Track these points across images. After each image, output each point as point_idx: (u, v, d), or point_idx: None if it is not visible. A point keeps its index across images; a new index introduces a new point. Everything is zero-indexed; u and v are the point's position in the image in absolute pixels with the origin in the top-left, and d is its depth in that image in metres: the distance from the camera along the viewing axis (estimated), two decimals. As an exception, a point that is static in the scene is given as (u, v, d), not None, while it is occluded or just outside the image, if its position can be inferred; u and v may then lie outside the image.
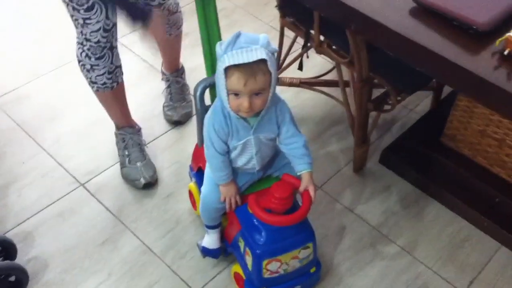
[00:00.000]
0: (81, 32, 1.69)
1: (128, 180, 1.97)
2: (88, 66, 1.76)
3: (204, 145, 1.48)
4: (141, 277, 1.73)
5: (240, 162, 1.49)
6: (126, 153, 1.97)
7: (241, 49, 1.28)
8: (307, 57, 2.04)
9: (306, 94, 2.27)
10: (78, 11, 1.63)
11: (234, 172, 1.52)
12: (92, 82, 1.82)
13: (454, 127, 1.95)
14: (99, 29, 1.67)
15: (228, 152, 1.47)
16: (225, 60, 1.29)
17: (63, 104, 2.24)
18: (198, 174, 1.70)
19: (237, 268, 1.64)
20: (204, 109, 1.57)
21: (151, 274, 1.74)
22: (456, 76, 1.46)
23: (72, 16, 1.67)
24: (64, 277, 1.72)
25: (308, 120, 2.22)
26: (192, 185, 1.80)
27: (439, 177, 1.97)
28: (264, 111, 1.38)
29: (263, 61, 1.29)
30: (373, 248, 1.82)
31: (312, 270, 1.61)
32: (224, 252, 1.69)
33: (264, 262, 1.48)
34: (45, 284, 1.70)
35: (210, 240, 1.66)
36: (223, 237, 1.67)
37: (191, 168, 1.81)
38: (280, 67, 2.13)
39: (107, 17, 1.67)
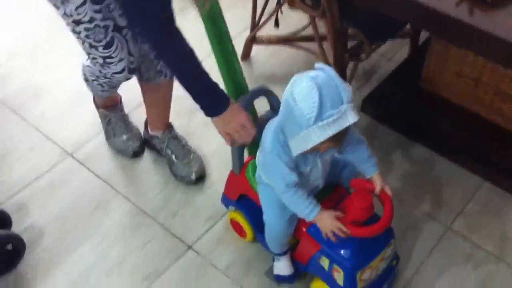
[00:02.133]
0: (100, 71, 1.55)
1: (117, 150, 1.97)
2: (99, 91, 1.72)
3: (278, 190, 1.37)
4: (134, 237, 1.77)
5: (308, 184, 1.42)
6: (111, 128, 1.96)
7: (332, 118, 1.16)
8: (281, 13, 2.06)
9: (285, 51, 2.29)
10: (96, 48, 1.46)
11: None
12: (97, 96, 1.84)
13: (431, 71, 1.98)
14: (123, 69, 1.51)
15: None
16: (315, 134, 1.18)
17: (44, 80, 2.25)
18: (241, 202, 1.65)
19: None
20: None
21: (144, 234, 1.78)
22: (424, 17, 1.51)
23: (89, 54, 1.51)
24: (59, 243, 1.76)
25: (289, 77, 2.23)
26: (234, 213, 1.71)
27: (420, 121, 2.01)
28: None
29: None
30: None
31: (394, 263, 1.58)
32: (298, 274, 1.62)
33: (358, 274, 1.44)
34: (42, 251, 1.74)
35: (283, 266, 1.59)
36: (292, 259, 1.60)
37: (226, 198, 1.72)
38: (256, 25, 2.15)
39: (129, 53, 1.50)
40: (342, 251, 1.43)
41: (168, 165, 1.92)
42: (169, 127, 1.92)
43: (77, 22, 1.41)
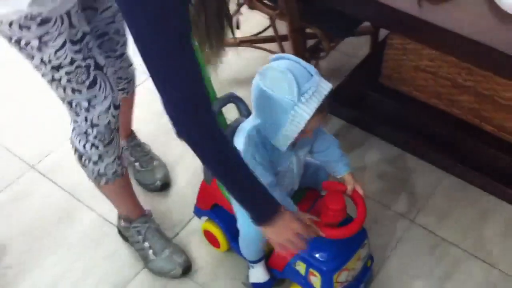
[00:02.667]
0: (85, 118, 1.40)
1: (162, 273, 1.69)
2: (96, 157, 1.47)
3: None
4: (100, 247, 1.76)
5: (283, 186, 1.41)
6: (147, 245, 1.69)
7: (311, 90, 1.20)
8: (241, 14, 2.07)
9: (248, 53, 2.29)
10: (80, 91, 1.34)
11: None
12: (99, 175, 1.52)
13: (389, 66, 2.00)
14: (109, 107, 1.41)
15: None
16: (305, 110, 1.20)
17: (2, 93, 2.22)
18: (214, 211, 1.63)
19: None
20: None
21: (110, 244, 1.77)
22: (382, 14, 1.53)
23: (70, 103, 1.37)
24: (24, 258, 1.74)
25: (252, 79, 2.24)
26: (207, 224, 1.68)
27: (381, 116, 2.03)
28: None
29: None
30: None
31: (368, 264, 1.58)
32: (274, 279, 1.60)
33: (335, 277, 1.43)
34: (7, 267, 1.72)
35: (258, 273, 1.58)
36: (268, 267, 1.59)
37: (199, 209, 1.70)
38: (216, 29, 2.15)
39: (112, 89, 1.39)
40: (317, 255, 1.42)
41: (132, 172, 1.90)
42: (131, 135, 1.91)
43: (57, 68, 1.29)
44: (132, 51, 1.48)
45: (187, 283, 1.68)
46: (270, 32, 2.16)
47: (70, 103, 1.37)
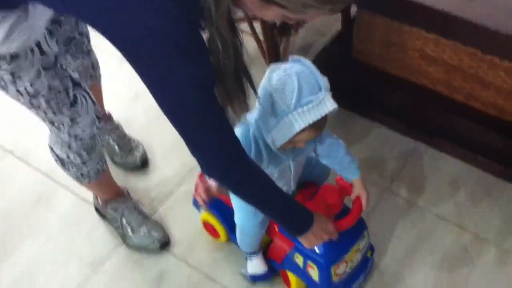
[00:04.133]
0: (69, 133, 1.38)
1: (141, 248, 1.72)
2: (79, 163, 1.48)
3: None
4: (79, 226, 1.78)
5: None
6: (125, 222, 1.71)
7: (311, 104, 1.16)
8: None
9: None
10: (62, 112, 1.32)
11: None
12: (82, 177, 1.54)
13: (360, 42, 2.03)
14: (93, 120, 1.39)
15: None
16: (296, 121, 1.16)
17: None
18: (212, 204, 1.57)
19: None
20: None
21: (88, 223, 1.79)
22: None
23: (52, 122, 1.35)
24: (4, 240, 1.75)
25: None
26: (206, 215, 1.66)
27: (355, 92, 2.05)
28: None
29: None
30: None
31: (369, 254, 1.57)
32: (273, 271, 1.60)
33: (332, 269, 1.43)
34: None
35: (256, 265, 1.58)
36: (266, 257, 1.59)
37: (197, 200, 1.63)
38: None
39: (93, 103, 1.37)
40: (315, 247, 1.41)
41: (111, 154, 1.91)
42: (109, 118, 1.92)
43: (35, 96, 1.25)
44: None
45: (165, 256, 1.71)
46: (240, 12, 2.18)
47: (52, 123, 1.35)
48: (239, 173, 1.13)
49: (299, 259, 1.47)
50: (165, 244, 1.72)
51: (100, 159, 1.53)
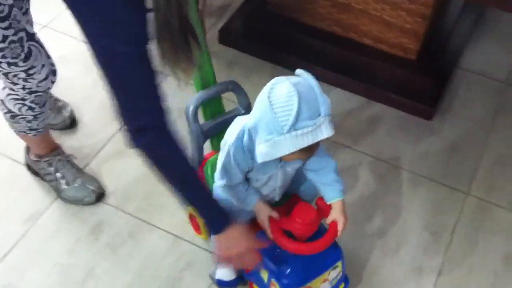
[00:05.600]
0: (23, 87, 1.40)
1: (75, 201, 1.75)
2: (31, 118, 1.52)
3: (217, 176, 1.31)
4: (12, 186, 1.80)
5: (261, 192, 1.35)
6: (59, 175, 1.74)
7: (306, 129, 1.09)
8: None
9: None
10: (16, 64, 1.34)
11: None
12: (30, 130, 1.57)
13: (274, -5, 2.14)
14: (47, 75, 1.41)
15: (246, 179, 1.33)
16: (287, 144, 1.10)
17: None
18: None
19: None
20: (200, 131, 1.47)
21: (21, 182, 1.80)
22: None
23: (6, 74, 1.37)
24: None
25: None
26: (192, 209, 1.60)
27: (272, 43, 2.17)
28: None
29: None
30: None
31: (341, 286, 1.50)
32: (241, 280, 1.56)
33: None
34: None
35: (225, 271, 1.54)
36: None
37: None
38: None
39: (48, 56, 1.40)
40: (280, 266, 1.36)
41: None
42: None
43: None
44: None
45: (102, 207, 1.76)
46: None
47: (6, 75, 1.37)
48: (153, 139, 1.15)
49: (264, 274, 1.42)
50: (100, 195, 1.77)
51: (51, 111, 1.55)
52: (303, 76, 1.15)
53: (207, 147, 1.58)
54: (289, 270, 1.35)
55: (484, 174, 1.89)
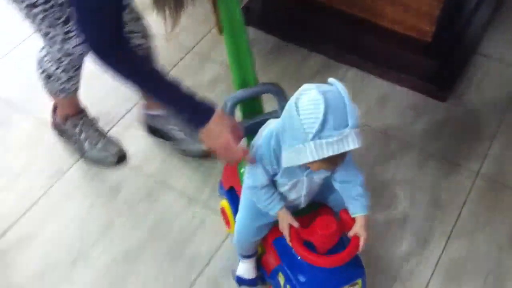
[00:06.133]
0: (60, 48, 1.50)
1: (98, 161, 1.85)
2: (65, 79, 1.62)
3: (245, 177, 1.33)
4: (37, 146, 1.90)
5: (286, 198, 1.34)
6: (83, 137, 1.84)
7: (331, 139, 1.07)
8: None
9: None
10: (56, 26, 1.43)
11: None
12: (62, 91, 1.68)
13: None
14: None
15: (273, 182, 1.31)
16: (310, 151, 1.08)
17: None
18: (230, 193, 1.59)
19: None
20: None
21: (46, 142, 1.91)
22: None
23: (46, 34, 1.46)
24: None
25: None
26: (225, 202, 1.63)
27: (293, 23, 2.23)
28: None
29: None
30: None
31: None
32: (261, 280, 1.57)
33: None
34: None
35: (245, 269, 1.55)
36: (259, 265, 1.56)
37: (222, 185, 1.67)
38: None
39: None
40: (298, 275, 1.35)
41: None
42: None
43: (32, 6, 1.37)
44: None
45: (121, 169, 1.85)
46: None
47: (45, 34, 1.46)
48: (118, 56, 1.24)
49: (281, 279, 1.42)
50: (121, 158, 1.86)
51: (80, 76, 1.65)
52: (335, 85, 1.12)
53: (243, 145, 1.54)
54: (305, 280, 1.34)
55: (494, 156, 1.91)
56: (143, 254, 1.67)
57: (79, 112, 1.84)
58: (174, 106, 1.33)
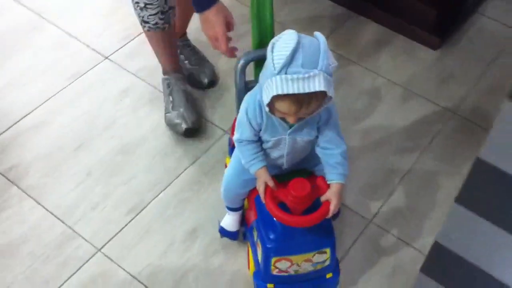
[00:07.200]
0: (139, 14, 1.71)
1: (171, 125, 1.93)
2: (142, 4, 1.72)
3: (235, 127, 1.35)
4: (118, 175, 1.86)
5: (269, 156, 1.37)
6: (171, 98, 1.93)
7: (297, 75, 1.10)
8: None
9: None
10: None
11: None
12: (144, 22, 1.77)
13: None
14: (157, 12, 1.69)
15: (259, 140, 1.34)
16: (275, 85, 1.11)
17: None
18: (233, 149, 1.56)
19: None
20: (243, 86, 1.45)
21: (127, 172, 1.86)
22: None
23: None
24: (45, 181, 1.83)
25: None
26: (229, 159, 1.63)
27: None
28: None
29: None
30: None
31: (328, 275, 1.48)
32: (243, 235, 1.63)
33: (273, 259, 1.39)
34: (27, 188, 1.80)
35: (229, 221, 1.60)
36: (243, 220, 1.60)
37: (230, 141, 1.68)
38: None
39: (165, 2, 1.67)
40: (268, 231, 1.39)
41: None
42: (184, 35, 2.09)
43: None
44: None
45: (130, 75, 2.10)
46: None
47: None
48: None
49: (255, 233, 1.47)
50: (192, 130, 1.90)
51: (161, 13, 1.73)
52: (317, 36, 1.16)
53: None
54: (273, 237, 1.37)
55: (473, 99, 2.05)
56: (140, 149, 1.91)
57: (176, 71, 1.96)
58: None
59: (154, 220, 1.74)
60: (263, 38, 1.41)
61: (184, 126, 1.89)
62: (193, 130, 1.91)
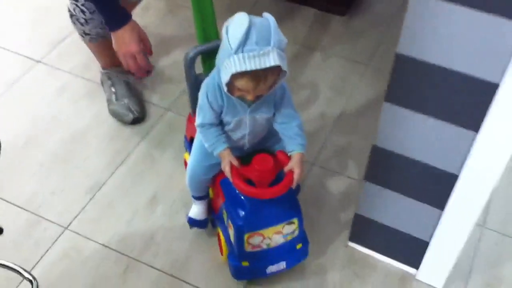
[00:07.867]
0: None
1: (117, 116, 1.99)
2: (82, 20, 1.73)
3: (196, 113, 1.40)
4: (70, 161, 1.92)
5: (231, 138, 1.43)
6: (113, 89, 1.99)
7: (252, 53, 1.17)
8: None
9: None
10: None
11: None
12: (85, 34, 1.79)
13: None
14: None
15: (220, 123, 1.40)
16: (233, 63, 1.18)
17: None
18: (191, 144, 1.62)
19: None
20: (194, 79, 1.51)
21: (79, 158, 1.93)
22: None
23: None
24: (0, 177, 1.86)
25: None
26: (187, 154, 1.72)
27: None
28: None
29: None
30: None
31: (298, 246, 1.55)
32: (212, 223, 1.69)
33: (246, 236, 1.44)
34: None
35: (197, 210, 1.64)
36: (210, 208, 1.66)
37: (186, 138, 1.78)
38: None
39: None
40: (238, 209, 1.44)
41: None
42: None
43: None
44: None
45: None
46: None
47: None
48: None
49: (224, 216, 1.52)
50: (138, 119, 1.97)
51: (102, 23, 1.73)
52: (266, 16, 1.24)
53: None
54: (243, 213, 1.43)
55: (382, 52, 2.30)
56: (87, 136, 1.99)
57: (115, 66, 1.98)
58: (96, 4, 1.58)
59: (114, 195, 1.82)
60: (206, 32, 1.48)
61: (131, 116, 1.96)
62: (140, 119, 1.99)
